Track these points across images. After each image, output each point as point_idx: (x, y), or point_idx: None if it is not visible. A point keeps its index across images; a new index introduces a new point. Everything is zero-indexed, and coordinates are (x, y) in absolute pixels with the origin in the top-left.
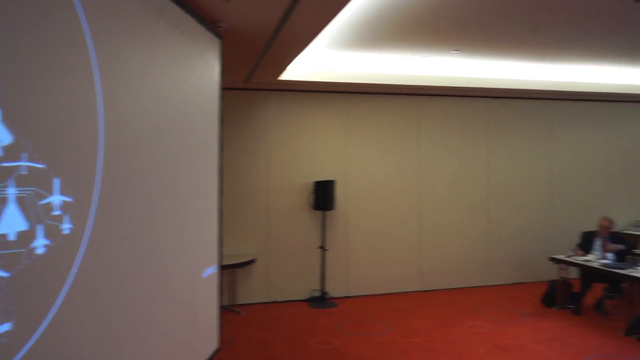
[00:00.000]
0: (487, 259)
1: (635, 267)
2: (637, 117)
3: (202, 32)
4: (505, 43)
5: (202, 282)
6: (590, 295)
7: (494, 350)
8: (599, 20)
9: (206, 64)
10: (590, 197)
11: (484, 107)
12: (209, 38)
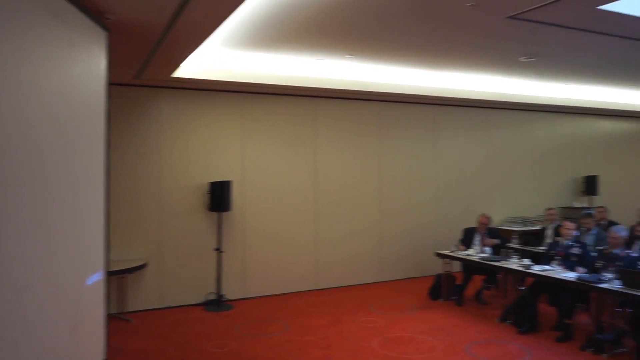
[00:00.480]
0: (379, 256)
1: (508, 260)
2: (510, 123)
3: (87, 23)
4: (396, 50)
5: (85, 290)
6: (471, 286)
7: (385, 343)
8: (477, 34)
9: (91, 57)
10: (471, 196)
11: (377, 110)
12: (94, 29)
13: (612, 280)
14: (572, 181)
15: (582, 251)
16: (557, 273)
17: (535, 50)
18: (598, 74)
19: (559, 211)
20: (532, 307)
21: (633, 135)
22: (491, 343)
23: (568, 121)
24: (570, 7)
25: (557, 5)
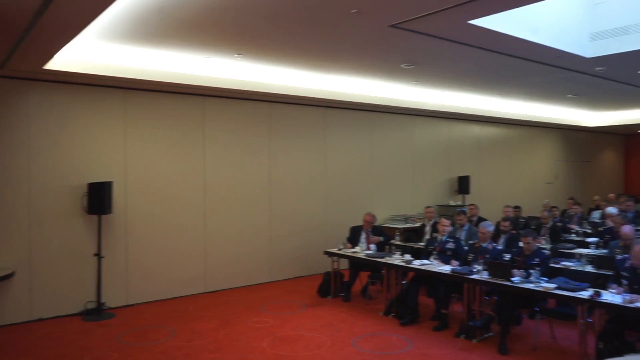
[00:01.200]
0: (269, 257)
1: (392, 256)
2: (393, 126)
3: None
4: (284, 51)
5: None
6: (358, 282)
7: (275, 343)
8: (361, 40)
9: None
10: (358, 196)
11: (267, 110)
12: None
13: (481, 271)
14: (448, 181)
15: (456, 246)
16: (435, 267)
17: (415, 58)
18: (470, 82)
19: (437, 209)
20: (413, 300)
21: (499, 139)
22: (376, 336)
23: (444, 125)
24: (444, 20)
25: (433, 17)
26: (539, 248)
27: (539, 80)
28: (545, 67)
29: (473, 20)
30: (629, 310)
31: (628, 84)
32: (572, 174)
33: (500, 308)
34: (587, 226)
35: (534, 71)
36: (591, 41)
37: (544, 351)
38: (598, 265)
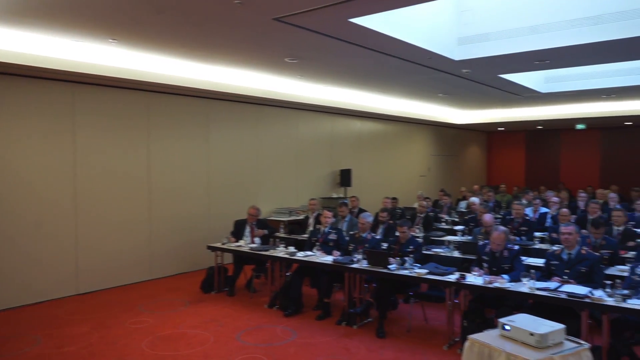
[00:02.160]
0: (149, 253)
1: (276, 248)
2: (278, 120)
3: None
4: (164, 39)
5: None
6: (242, 276)
7: (155, 343)
8: (245, 32)
9: None
10: (242, 189)
11: (146, 100)
12: None
13: (360, 260)
14: (331, 174)
15: (338, 236)
16: (318, 258)
17: (299, 52)
18: (352, 79)
19: (320, 201)
20: (297, 291)
21: (379, 134)
22: (260, 329)
23: (327, 120)
24: (326, 16)
25: (315, 13)
26: (414, 236)
27: (414, 79)
28: (419, 67)
29: (353, 18)
30: (489, 290)
31: (489, 86)
32: (443, 167)
33: (378, 294)
34: (455, 215)
35: (409, 70)
36: (458, 45)
37: (417, 332)
38: (464, 250)
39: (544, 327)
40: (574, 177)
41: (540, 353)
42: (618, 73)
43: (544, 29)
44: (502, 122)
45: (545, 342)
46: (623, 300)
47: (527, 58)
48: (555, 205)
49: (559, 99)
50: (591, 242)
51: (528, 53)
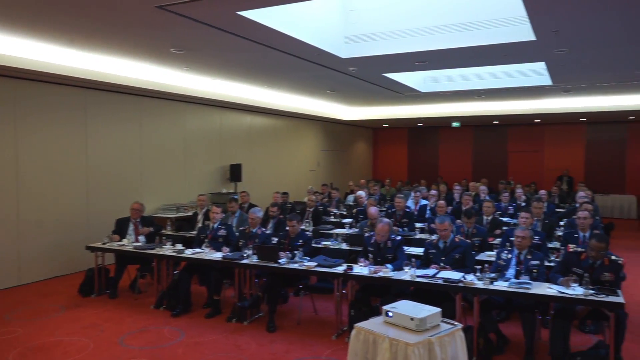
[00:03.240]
0: (17, 257)
1: (162, 246)
2: (163, 112)
3: None
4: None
5: None
6: (126, 277)
7: (26, 354)
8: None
9: None
10: (125, 185)
11: (12, 88)
12: None
13: (251, 256)
14: (220, 169)
15: (228, 232)
16: (206, 254)
17: (185, 43)
18: (241, 73)
19: (209, 197)
20: (185, 290)
21: (269, 129)
22: (146, 331)
23: (216, 114)
24: (214, 7)
25: (202, 3)
26: (303, 230)
27: (303, 75)
28: (307, 63)
29: (242, 11)
30: (374, 279)
31: (375, 84)
32: (332, 162)
33: (268, 288)
34: (344, 209)
35: (299, 66)
36: (345, 43)
37: (307, 324)
38: (351, 242)
39: (423, 312)
40: (451, 171)
41: (420, 336)
42: (487, 76)
43: (424, 32)
44: (386, 119)
45: (424, 326)
46: (490, 283)
47: (409, 59)
48: (434, 198)
49: (437, 98)
50: (464, 231)
51: (409, 54)
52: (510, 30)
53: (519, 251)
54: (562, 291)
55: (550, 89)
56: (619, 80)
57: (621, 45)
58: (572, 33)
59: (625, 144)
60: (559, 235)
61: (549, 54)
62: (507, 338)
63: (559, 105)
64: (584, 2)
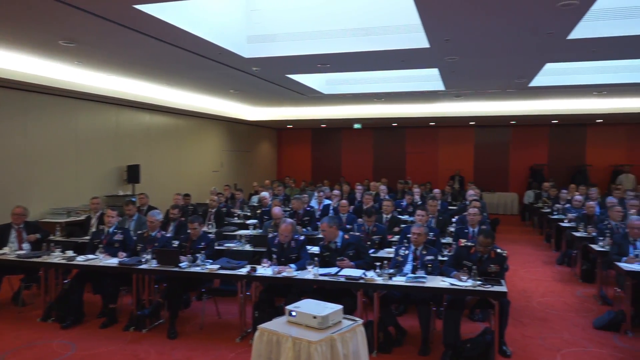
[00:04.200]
0: None
1: (50, 254)
2: (51, 109)
3: None
4: None
5: None
6: (7, 289)
7: None
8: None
9: None
10: (7, 188)
11: None
12: None
13: (150, 260)
14: (117, 170)
15: (125, 237)
16: (101, 261)
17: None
18: (139, 69)
19: (104, 199)
20: (77, 299)
21: (170, 128)
22: (32, 346)
23: (112, 112)
24: None
25: None
26: (205, 232)
27: (205, 74)
28: (209, 61)
29: (139, 5)
30: (278, 279)
31: (278, 85)
32: (236, 162)
33: (169, 294)
34: (248, 210)
35: (200, 65)
36: (248, 43)
37: (210, 328)
38: (255, 243)
39: (325, 310)
40: (353, 172)
41: (322, 333)
42: (387, 80)
43: (326, 35)
44: (290, 120)
45: (326, 323)
46: (389, 279)
47: (311, 61)
48: (337, 198)
49: (339, 100)
50: (365, 229)
51: (311, 56)
52: (407, 37)
53: (415, 247)
54: (453, 283)
55: (443, 94)
56: (502, 88)
57: (504, 56)
58: (461, 42)
59: (509, 146)
60: (452, 231)
61: (441, 61)
62: (405, 330)
63: (451, 110)
64: (472, 15)
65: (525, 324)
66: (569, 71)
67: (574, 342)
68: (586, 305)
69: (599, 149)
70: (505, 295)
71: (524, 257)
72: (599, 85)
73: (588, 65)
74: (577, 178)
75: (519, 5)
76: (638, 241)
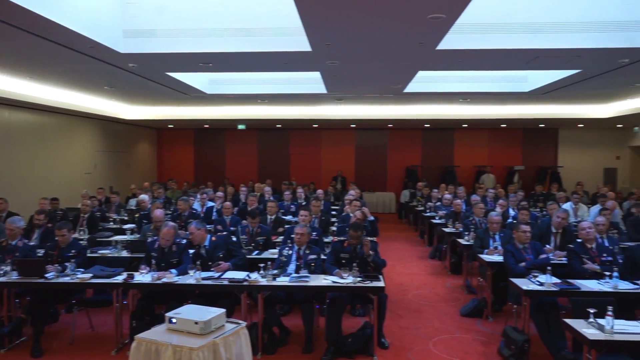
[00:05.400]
0: None
1: None
2: None
3: None
4: None
5: None
6: None
7: None
8: None
9: None
10: None
11: None
12: None
13: (9, 272)
14: None
15: None
16: None
17: None
18: None
19: None
20: None
21: (35, 127)
22: None
23: None
24: None
25: None
26: (76, 239)
27: (76, 69)
28: (80, 55)
29: None
30: (157, 286)
31: (158, 83)
32: (112, 164)
33: (32, 308)
34: (125, 214)
35: (69, 58)
36: (124, 38)
37: (82, 342)
38: (132, 249)
39: (207, 315)
40: (238, 173)
41: (204, 339)
42: (271, 81)
43: (208, 33)
44: (172, 120)
45: (208, 328)
46: (273, 279)
47: (192, 59)
48: (220, 200)
49: (223, 100)
50: (249, 231)
51: (193, 54)
52: (289, 40)
53: (298, 247)
54: (335, 281)
55: (326, 97)
56: (380, 93)
57: (381, 62)
58: (341, 47)
59: (387, 148)
60: (334, 230)
61: (322, 64)
62: (289, 330)
63: (333, 112)
64: (351, 21)
65: (402, 315)
66: (438, 79)
67: (443, 329)
68: (454, 295)
69: (465, 151)
70: (383, 290)
71: (401, 253)
72: (464, 93)
73: (455, 74)
74: (446, 178)
75: (393, 16)
76: (497, 234)
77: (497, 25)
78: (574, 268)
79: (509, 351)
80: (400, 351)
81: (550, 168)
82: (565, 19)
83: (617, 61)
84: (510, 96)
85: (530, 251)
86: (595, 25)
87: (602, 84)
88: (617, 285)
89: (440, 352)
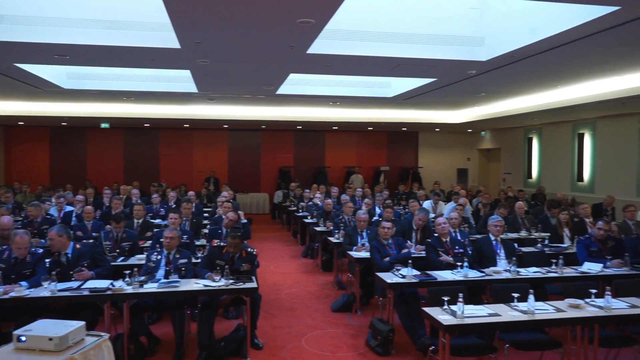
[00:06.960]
0: None
1: None
2: None
3: None
4: None
5: None
6: None
7: None
8: None
9: None
10: None
11: None
12: None
13: None
14: None
15: None
16: None
17: None
18: None
19: None
20: None
21: None
22: None
23: None
24: None
25: None
26: None
27: None
28: None
29: None
30: (4, 301)
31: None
32: None
33: None
34: None
35: None
36: None
37: None
38: None
39: (64, 329)
40: (102, 175)
41: (60, 356)
42: (137, 78)
43: (65, 23)
44: (23, 117)
45: (65, 344)
46: (140, 286)
47: (46, 50)
48: (80, 204)
49: (83, 96)
50: (114, 236)
51: (47, 45)
52: (156, 36)
53: (168, 251)
54: (207, 284)
55: (197, 96)
56: (253, 94)
57: (253, 63)
58: (212, 46)
59: (260, 149)
60: (206, 232)
61: (193, 63)
62: (158, 338)
63: (205, 112)
64: (221, 21)
65: (275, 315)
66: (310, 82)
67: (315, 326)
68: (326, 292)
69: (336, 153)
70: (256, 290)
71: (275, 252)
72: (333, 97)
73: (325, 78)
74: (318, 178)
75: (262, 17)
76: (364, 232)
77: (363, 33)
78: (432, 260)
79: (375, 342)
80: (273, 350)
81: (412, 168)
82: (423, 31)
83: (466, 72)
84: (376, 101)
85: (394, 247)
86: (447, 38)
87: (455, 92)
88: (467, 274)
89: (312, 348)
